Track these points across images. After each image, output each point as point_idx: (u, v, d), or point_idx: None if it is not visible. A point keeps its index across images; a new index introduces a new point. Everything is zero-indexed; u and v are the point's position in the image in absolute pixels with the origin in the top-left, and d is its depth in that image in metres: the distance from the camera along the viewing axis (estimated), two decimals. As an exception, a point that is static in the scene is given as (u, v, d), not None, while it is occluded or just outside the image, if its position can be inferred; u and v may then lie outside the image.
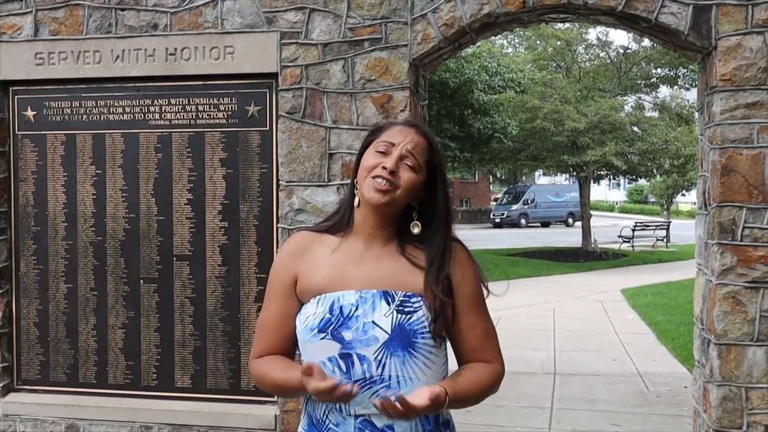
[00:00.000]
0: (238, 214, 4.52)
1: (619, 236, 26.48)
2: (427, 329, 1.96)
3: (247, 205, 4.51)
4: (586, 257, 21.77)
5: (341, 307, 1.96)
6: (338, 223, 2.10)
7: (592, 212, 25.29)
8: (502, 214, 42.11)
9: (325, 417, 1.99)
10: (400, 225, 2.07)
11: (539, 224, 42.77)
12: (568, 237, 29.74)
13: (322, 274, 2.01)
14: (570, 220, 42.32)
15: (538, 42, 24.24)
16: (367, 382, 1.94)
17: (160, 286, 4.63)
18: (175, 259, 4.61)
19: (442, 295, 2.00)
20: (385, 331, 1.93)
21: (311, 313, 1.98)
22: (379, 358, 1.94)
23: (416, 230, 2.05)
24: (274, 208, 4.46)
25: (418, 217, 2.07)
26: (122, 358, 4.69)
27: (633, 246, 25.32)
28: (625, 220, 39.33)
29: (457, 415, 2.16)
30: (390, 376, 1.95)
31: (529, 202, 42.58)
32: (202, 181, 4.55)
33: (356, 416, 1.96)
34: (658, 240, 26.65)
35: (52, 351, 4.76)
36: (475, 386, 2.01)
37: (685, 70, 22.02)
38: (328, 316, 1.95)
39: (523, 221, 41.96)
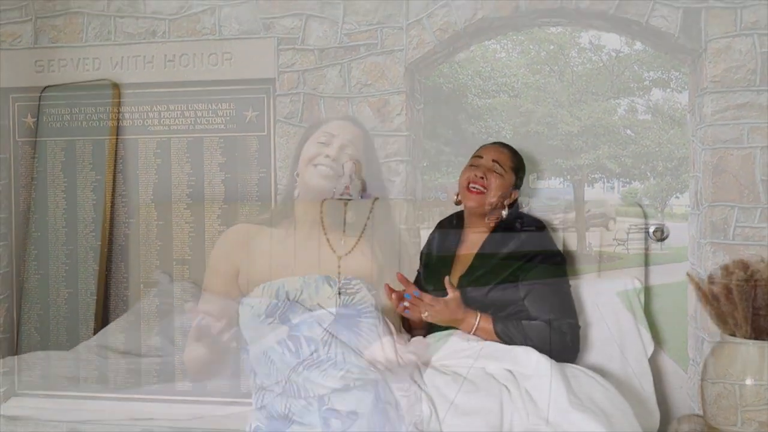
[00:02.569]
0: (237, 218, 4.56)
1: (613, 239, 26.52)
2: (369, 308, 2.02)
3: (246, 209, 4.55)
4: (580, 260, 21.79)
5: (287, 292, 2.01)
6: (278, 216, 2.15)
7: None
8: (497, 218, 42.08)
9: (287, 410, 2.05)
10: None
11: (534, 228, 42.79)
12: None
13: (264, 265, 2.07)
14: (564, 224, 42.38)
15: (531, 46, 24.32)
16: (315, 361, 2.03)
17: (160, 291, 4.66)
18: (174, 263, 4.65)
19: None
20: (330, 313, 1.99)
21: (257, 301, 2.01)
22: (325, 338, 2.01)
23: (350, 216, 2.11)
24: (273, 212, 4.50)
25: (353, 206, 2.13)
26: (123, 363, 4.71)
27: (628, 248, 25.35)
28: (620, 222, 39.33)
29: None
30: (336, 353, 2.03)
31: (524, 205, 42.60)
32: (201, 186, 4.60)
33: (319, 402, 2.01)
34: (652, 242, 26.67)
35: (53, 356, 4.78)
36: None
37: (677, 73, 22.10)
38: (274, 301, 2.01)
39: (518, 225, 41.94)
